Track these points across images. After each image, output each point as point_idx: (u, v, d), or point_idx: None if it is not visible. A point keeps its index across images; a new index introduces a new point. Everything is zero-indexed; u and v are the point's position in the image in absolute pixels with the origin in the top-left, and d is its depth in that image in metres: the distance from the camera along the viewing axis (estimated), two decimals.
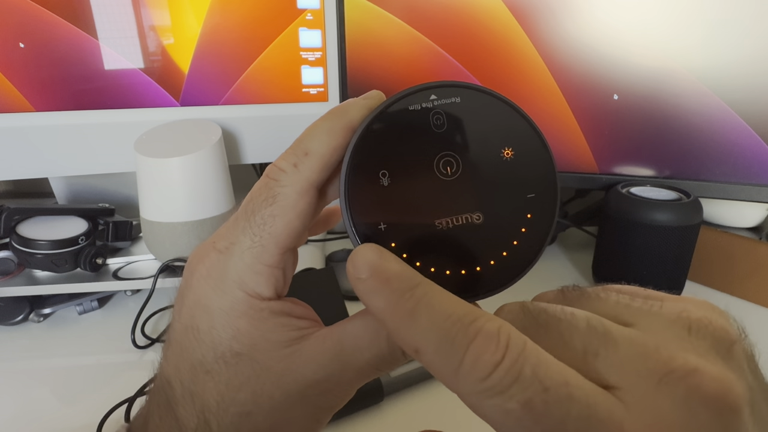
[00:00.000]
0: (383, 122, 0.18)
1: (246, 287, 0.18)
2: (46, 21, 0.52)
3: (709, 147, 0.55)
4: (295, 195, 0.18)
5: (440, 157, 0.18)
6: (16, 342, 0.49)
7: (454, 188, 0.18)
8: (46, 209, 0.52)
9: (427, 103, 0.18)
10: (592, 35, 0.54)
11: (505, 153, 0.18)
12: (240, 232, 0.18)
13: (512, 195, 0.18)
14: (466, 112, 0.18)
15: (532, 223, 0.18)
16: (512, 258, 0.18)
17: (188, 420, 0.18)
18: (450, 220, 0.18)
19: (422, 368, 0.42)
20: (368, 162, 0.18)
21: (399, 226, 0.17)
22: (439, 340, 0.14)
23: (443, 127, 0.18)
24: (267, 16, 0.58)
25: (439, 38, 0.58)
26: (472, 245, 0.18)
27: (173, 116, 0.58)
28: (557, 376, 0.13)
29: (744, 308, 0.54)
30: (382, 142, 0.18)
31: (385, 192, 0.18)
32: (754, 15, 0.50)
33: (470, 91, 0.18)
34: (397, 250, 0.17)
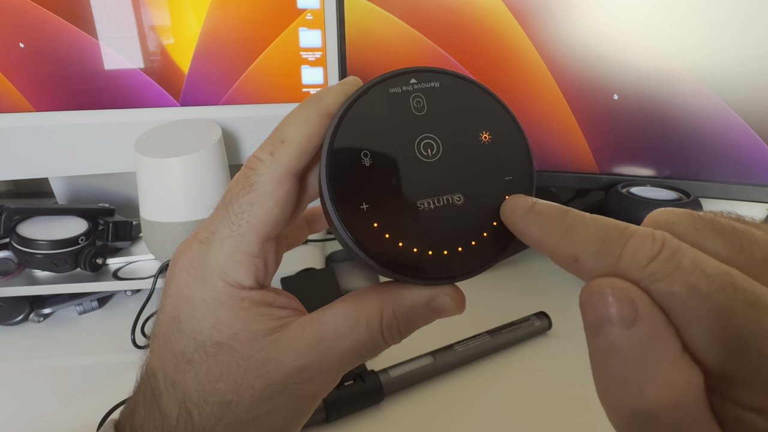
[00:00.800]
0: (364, 103, 0.18)
1: (226, 276, 0.18)
2: (46, 21, 0.52)
3: (709, 147, 0.55)
4: (272, 183, 0.18)
5: (421, 139, 0.18)
6: (16, 342, 0.49)
7: (435, 170, 0.18)
8: (46, 209, 0.52)
9: (407, 86, 0.18)
10: (592, 35, 0.54)
11: (483, 137, 0.19)
12: (219, 222, 0.18)
13: (491, 177, 0.18)
14: (445, 97, 0.19)
15: None
16: (492, 239, 0.18)
17: (171, 410, 0.18)
18: (432, 201, 0.18)
19: (422, 368, 0.42)
20: (349, 142, 0.18)
21: (381, 206, 0.17)
22: (596, 245, 0.14)
23: (423, 110, 0.18)
24: (267, 16, 0.58)
25: (439, 38, 0.58)
26: (454, 226, 0.18)
27: (173, 116, 0.58)
28: (719, 268, 0.12)
29: None
30: (363, 123, 0.18)
31: (367, 172, 0.18)
32: (753, 15, 0.50)
33: (448, 77, 0.19)
34: (379, 230, 0.17)
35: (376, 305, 0.18)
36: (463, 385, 0.42)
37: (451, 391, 0.42)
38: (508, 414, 0.40)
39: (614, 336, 0.13)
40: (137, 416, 0.19)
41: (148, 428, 0.18)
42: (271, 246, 0.19)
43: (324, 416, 0.38)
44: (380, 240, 0.17)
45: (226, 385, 0.18)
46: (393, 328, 0.18)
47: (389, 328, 0.18)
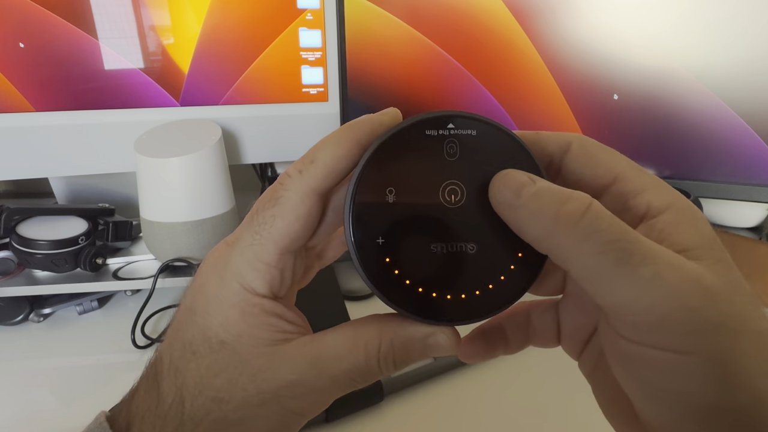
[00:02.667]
0: (399, 141, 0.19)
1: (242, 280, 0.19)
2: (46, 21, 0.52)
3: (709, 147, 0.55)
4: (296, 198, 0.19)
5: (447, 184, 0.19)
6: (16, 342, 0.49)
7: (455, 217, 0.19)
8: (46, 209, 0.52)
9: (444, 130, 0.19)
10: (592, 35, 0.54)
11: None
12: (245, 229, 0.20)
13: (508, 233, 0.18)
14: (480, 146, 0.19)
15: (522, 263, 0.19)
16: (497, 292, 0.18)
17: (167, 394, 0.19)
18: (445, 246, 0.18)
19: (422, 368, 0.42)
20: (378, 176, 0.18)
21: (396, 243, 0.18)
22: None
23: (455, 156, 0.19)
24: (267, 16, 0.58)
25: (439, 38, 0.58)
26: (462, 274, 0.18)
27: (173, 116, 0.58)
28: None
29: None
30: (394, 160, 0.19)
31: (389, 208, 0.18)
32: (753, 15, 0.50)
33: (487, 127, 0.19)
34: (389, 266, 0.18)
35: (376, 333, 0.19)
36: (463, 385, 0.42)
37: (451, 391, 0.42)
38: (508, 414, 0.40)
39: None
40: (136, 397, 0.20)
41: (143, 409, 0.19)
42: (290, 259, 0.20)
43: (324, 416, 0.38)
44: (389, 275, 0.18)
45: (221, 382, 0.18)
46: (389, 357, 0.19)
47: (385, 357, 0.19)
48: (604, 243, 0.15)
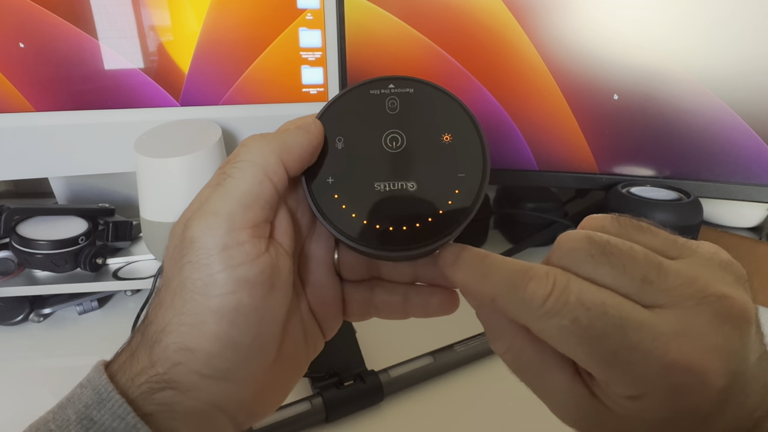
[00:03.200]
0: (348, 99, 0.22)
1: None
2: (46, 21, 0.52)
3: (709, 147, 0.55)
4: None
5: (389, 133, 0.21)
6: (16, 342, 0.49)
7: (396, 160, 0.21)
8: (46, 209, 0.52)
9: (385, 89, 0.22)
10: (592, 36, 0.54)
11: (444, 137, 0.21)
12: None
13: (446, 172, 0.21)
14: (417, 101, 0.22)
15: (458, 198, 0.21)
16: (436, 224, 0.20)
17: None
18: (388, 185, 0.21)
19: (422, 368, 0.42)
20: (329, 128, 0.21)
21: (343, 181, 0.21)
22: (506, 288, 0.18)
23: (396, 110, 0.21)
24: (267, 16, 0.58)
25: (439, 38, 0.58)
26: (403, 208, 0.20)
27: (173, 116, 0.58)
28: (596, 299, 0.16)
29: None
30: (343, 114, 0.22)
31: (338, 153, 0.21)
32: (753, 15, 0.50)
33: (422, 85, 0.22)
34: (339, 201, 0.21)
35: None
36: (463, 385, 0.42)
37: (451, 391, 0.42)
38: (508, 414, 0.40)
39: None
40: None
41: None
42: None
43: (324, 416, 0.38)
44: (338, 209, 0.21)
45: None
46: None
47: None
48: (570, 327, 0.17)
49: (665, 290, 0.17)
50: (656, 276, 0.17)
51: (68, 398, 0.19)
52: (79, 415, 0.17)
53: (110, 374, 0.19)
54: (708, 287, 0.17)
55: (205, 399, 0.19)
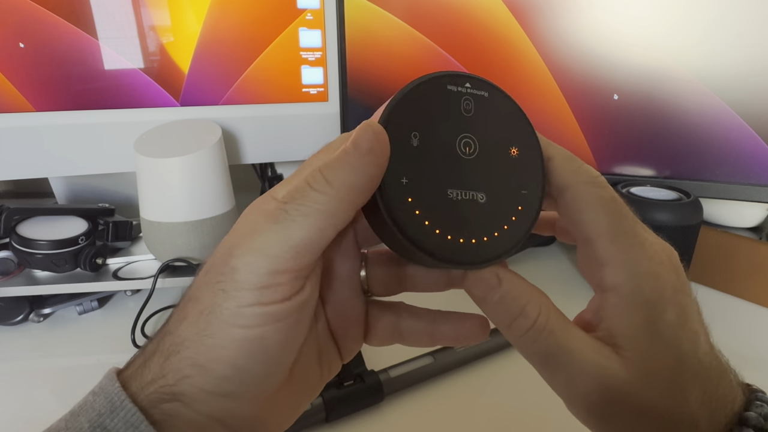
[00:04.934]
0: (424, 90, 0.20)
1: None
2: (46, 21, 0.52)
3: (709, 147, 0.55)
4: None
5: (463, 137, 0.20)
6: (16, 342, 0.49)
7: (469, 167, 0.20)
8: (46, 209, 0.52)
9: (462, 88, 0.20)
10: (592, 35, 0.54)
11: (512, 151, 0.21)
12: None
13: (512, 187, 0.20)
14: (491, 107, 0.21)
15: (521, 214, 0.20)
16: (501, 239, 0.20)
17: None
18: (461, 193, 0.20)
19: (422, 368, 0.42)
20: (405, 119, 0.19)
21: (418, 184, 0.19)
22: (566, 155, 0.21)
23: (471, 112, 0.20)
24: (267, 16, 0.58)
25: (439, 38, 0.58)
26: (473, 220, 0.20)
27: (173, 116, 0.58)
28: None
29: (744, 308, 0.54)
30: (419, 107, 0.20)
31: (413, 151, 0.19)
32: (753, 15, 0.50)
33: (496, 91, 0.21)
34: (411, 205, 0.19)
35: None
36: (463, 385, 0.42)
37: (451, 391, 0.42)
38: (508, 414, 0.40)
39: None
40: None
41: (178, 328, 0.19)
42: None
43: (324, 416, 0.38)
44: (410, 215, 0.19)
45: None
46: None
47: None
48: (534, 353, 0.20)
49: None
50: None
51: (81, 406, 0.19)
52: (92, 423, 0.18)
53: (122, 381, 0.19)
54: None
55: (206, 412, 0.19)
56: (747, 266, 0.55)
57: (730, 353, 0.22)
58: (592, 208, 0.20)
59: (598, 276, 0.20)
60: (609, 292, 0.20)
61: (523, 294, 0.20)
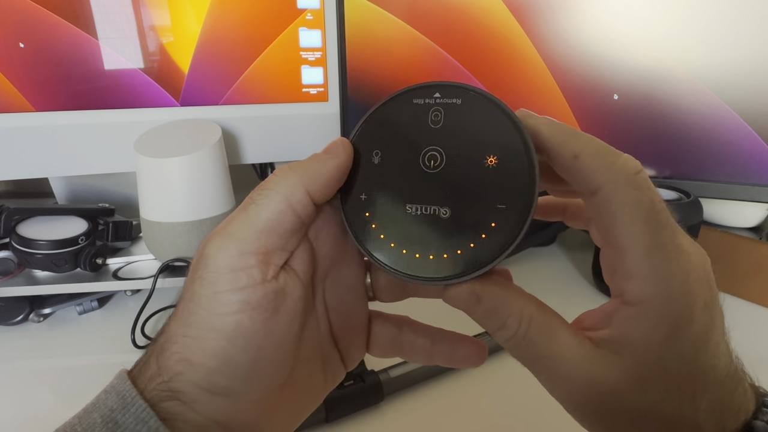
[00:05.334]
0: (389, 108, 0.20)
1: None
2: (46, 21, 0.52)
3: (709, 147, 0.55)
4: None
5: (428, 150, 0.19)
6: (16, 342, 0.49)
7: (433, 181, 0.19)
8: (46, 209, 0.52)
9: (430, 99, 0.20)
10: (592, 35, 0.54)
11: (489, 160, 0.19)
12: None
13: (483, 201, 0.18)
14: (463, 114, 0.19)
15: (494, 232, 0.18)
16: (466, 258, 0.19)
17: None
18: (420, 208, 0.19)
19: (422, 368, 0.42)
20: (367, 139, 0.20)
21: (376, 199, 0.20)
22: (597, 148, 0.18)
23: (439, 123, 0.19)
24: (267, 16, 0.58)
25: (440, 38, 0.58)
26: (433, 235, 0.19)
27: (173, 116, 0.58)
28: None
29: (744, 308, 0.54)
30: (383, 125, 0.20)
31: (374, 168, 0.20)
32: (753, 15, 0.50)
33: (473, 95, 0.19)
34: (369, 219, 0.20)
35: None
36: (463, 386, 0.42)
37: (451, 391, 0.42)
38: (508, 414, 0.40)
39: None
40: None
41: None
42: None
43: (324, 416, 0.38)
44: (368, 228, 0.20)
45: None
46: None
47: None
48: (518, 357, 0.20)
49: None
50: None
51: (93, 403, 0.19)
52: (105, 419, 0.18)
53: (131, 380, 0.19)
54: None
55: (207, 414, 0.19)
56: (747, 266, 0.55)
57: None
58: (627, 214, 0.18)
59: (622, 286, 0.18)
60: (630, 306, 0.18)
61: (505, 307, 0.19)
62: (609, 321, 0.19)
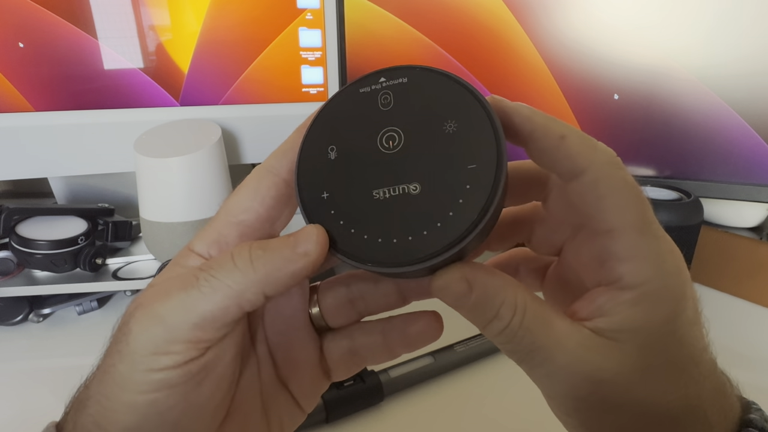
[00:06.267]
0: (336, 104, 0.20)
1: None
2: (46, 21, 0.52)
3: (709, 147, 0.55)
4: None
5: (384, 132, 0.19)
6: (16, 342, 0.49)
7: (394, 161, 0.18)
8: (46, 209, 0.52)
9: (376, 85, 0.19)
10: (592, 35, 0.54)
11: (448, 126, 0.18)
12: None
13: (452, 166, 0.18)
14: (412, 91, 0.19)
15: (469, 194, 0.17)
16: (447, 228, 0.17)
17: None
18: (387, 191, 0.18)
19: (422, 368, 0.42)
20: (319, 138, 0.19)
21: (339, 195, 0.19)
22: (580, 133, 0.18)
23: (389, 105, 0.19)
24: (267, 15, 0.58)
25: (440, 38, 0.58)
26: (407, 215, 0.18)
27: (173, 116, 0.58)
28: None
29: (744, 308, 0.54)
30: (333, 121, 0.19)
31: (331, 165, 0.19)
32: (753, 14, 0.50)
33: (417, 71, 0.19)
34: (335, 217, 0.18)
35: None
36: (463, 385, 0.42)
37: (451, 391, 0.42)
38: (508, 414, 0.40)
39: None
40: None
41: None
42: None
43: (324, 416, 0.38)
44: (336, 226, 0.18)
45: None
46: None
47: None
48: (511, 351, 0.19)
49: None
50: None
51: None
52: None
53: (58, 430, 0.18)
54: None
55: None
56: (747, 266, 0.55)
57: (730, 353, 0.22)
58: (618, 193, 0.17)
59: (617, 271, 0.18)
60: (629, 290, 0.17)
61: (497, 295, 0.18)
62: (603, 310, 0.18)
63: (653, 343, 0.17)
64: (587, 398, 0.18)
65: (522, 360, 0.19)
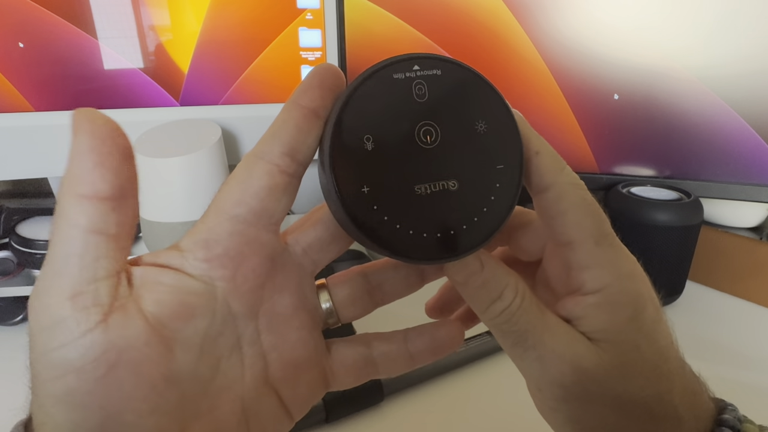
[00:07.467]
0: (369, 88, 0.18)
1: None
2: (46, 21, 0.52)
3: (709, 147, 0.55)
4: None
5: (421, 125, 0.19)
6: (16, 342, 0.48)
7: (433, 156, 0.19)
8: (46, 209, 0.52)
9: (410, 72, 0.19)
10: (592, 35, 0.54)
11: (479, 126, 0.19)
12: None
13: (484, 165, 0.19)
14: (446, 85, 0.19)
15: (499, 192, 0.19)
16: (482, 223, 0.19)
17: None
18: (428, 186, 0.18)
19: (422, 368, 0.42)
20: (352, 126, 0.18)
21: (381, 189, 0.18)
22: (553, 153, 0.21)
23: (425, 97, 0.19)
24: (267, 15, 0.58)
25: (440, 38, 0.58)
26: (448, 210, 0.19)
27: (173, 116, 0.58)
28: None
29: (744, 308, 0.54)
30: (366, 107, 0.18)
31: (369, 156, 0.18)
32: (753, 14, 0.50)
33: (449, 65, 0.19)
34: (378, 213, 0.18)
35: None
36: (463, 385, 0.42)
37: (451, 391, 0.42)
38: (508, 414, 0.40)
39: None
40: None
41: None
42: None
43: (324, 416, 0.38)
44: (380, 222, 0.18)
45: None
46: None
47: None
48: (507, 332, 0.20)
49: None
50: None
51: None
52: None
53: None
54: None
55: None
56: (747, 266, 0.55)
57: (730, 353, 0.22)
58: (577, 209, 0.20)
59: (579, 279, 0.20)
60: (591, 294, 0.20)
61: (503, 278, 0.20)
62: (573, 314, 0.20)
63: (624, 341, 0.19)
64: (572, 388, 0.19)
65: (516, 342, 0.20)
